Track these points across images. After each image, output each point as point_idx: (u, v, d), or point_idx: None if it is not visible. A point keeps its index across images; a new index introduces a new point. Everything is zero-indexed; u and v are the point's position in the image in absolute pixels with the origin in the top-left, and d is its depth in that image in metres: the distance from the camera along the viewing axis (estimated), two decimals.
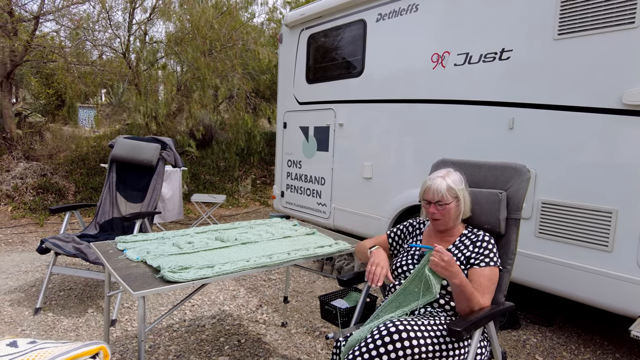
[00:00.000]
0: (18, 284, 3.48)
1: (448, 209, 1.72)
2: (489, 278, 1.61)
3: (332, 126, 4.23)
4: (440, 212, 1.73)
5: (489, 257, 1.64)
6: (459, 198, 1.73)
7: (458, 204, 1.74)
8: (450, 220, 1.74)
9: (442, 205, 1.72)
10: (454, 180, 1.75)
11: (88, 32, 6.91)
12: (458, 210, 1.74)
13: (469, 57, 3.09)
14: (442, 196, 1.71)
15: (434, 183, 1.74)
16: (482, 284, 1.60)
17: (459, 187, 1.74)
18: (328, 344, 2.62)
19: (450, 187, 1.72)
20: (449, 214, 1.73)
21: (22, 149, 7.52)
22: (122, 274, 1.67)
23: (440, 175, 1.77)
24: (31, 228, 5.47)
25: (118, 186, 3.51)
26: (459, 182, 1.77)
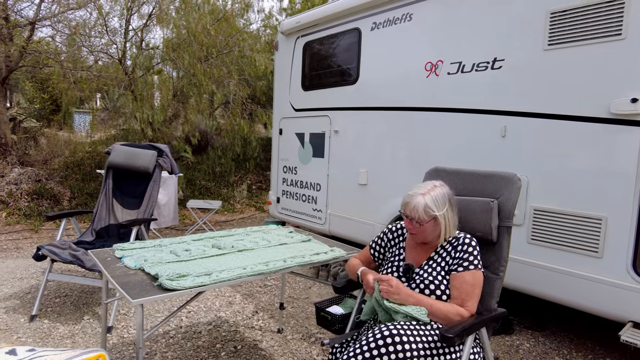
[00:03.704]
0: (13, 290, 3.47)
1: (424, 228, 1.67)
2: (471, 283, 1.59)
3: (328, 133, 4.27)
4: (415, 228, 1.68)
5: (468, 261, 1.62)
6: (438, 220, 1.65)
7: (436, 224, 1.66)
8: (426, 238, 1.70)
9: (417, 223, 1.67)
10: (434, 200, 1.65)
11: (84, 38, 6.92)
12: (437, 230, 1.67)
13: (462, 66, 3.14)
14: (419, 216, 1.65)
15: (412, 200, 1.67)
16: (462, 290, 1.59)
17: (439, 209, 1.64)
18: (324, 350, 2.64)
19: (427, 207, 1.64)
20: (424, 233, 1.68)
21: (16, 154, 7.50)
22: (121, 281, 1.69)
23: (422, 191, 1.68)
24: (26, 234, 5.45)
25: (114, 193, 3.52)
26: (442, 203, 1.66)
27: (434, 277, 1.66)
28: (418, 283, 1.67)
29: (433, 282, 1.65)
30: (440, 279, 1.65)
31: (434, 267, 1.69)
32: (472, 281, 1.60)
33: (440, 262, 1.69)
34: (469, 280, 1.60)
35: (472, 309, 1.58)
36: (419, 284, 1.66)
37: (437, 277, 1.66)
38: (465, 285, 1.60)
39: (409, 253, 1.80)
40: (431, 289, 1.64)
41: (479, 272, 1.63)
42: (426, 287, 1.65)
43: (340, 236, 4.10)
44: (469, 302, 1.58)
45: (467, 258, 1.63)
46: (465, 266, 1.62)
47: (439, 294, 1.63)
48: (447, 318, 1.56)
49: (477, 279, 1.62)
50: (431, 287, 1.64)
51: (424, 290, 1.64)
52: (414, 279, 1.69)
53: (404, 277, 1.72)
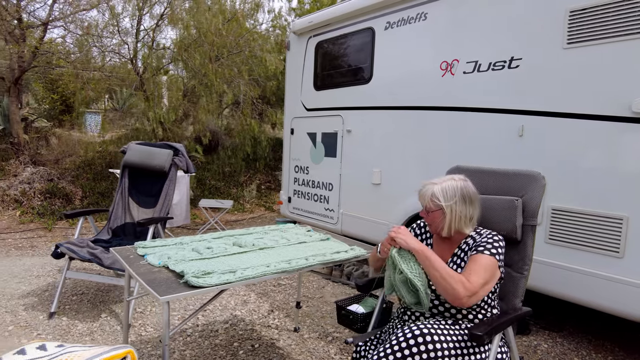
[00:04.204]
0: (31, 288, 3.50)
1: (432, 216, 1.68)
2: (480, 263, 1.55)
3: (340, 132, 4.27)
4: (426, 217, 1.71)
5: (483, 246, 1.59)
6: (444, 211, 1.64)
7: (443, 215, 1.65)
8: (439, 228, 1.68)
9: (428, 211, 1.69)
10: (443, 190, 1.65)
11: (96, 39, 6.98)
12: (443, 221, 1.66)
13: (478, 65, 3.13)
14: (426, 202, 1.69)
15: (424, 188, 1.71)
16: (470, 267, 1.56)
17: (446, 200, 1.64)
18: (342, 349, 2.64)
19: (434, 196, 1.65)
20: (435, 222, 1.68)
21: (29, 153, 7.57)
22: (146, 279, 1.70)
23: (435, 181, 1.71)
24: (40, 233, 5.50)
25: (130, 191, 3.55)
26: (451, 195, 1.65)
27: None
28: None
29: None
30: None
31: (457, 263, 1.68)
32: (482, 262, 1.55)
33: (463, 257, 1.67)
34: (479, 260, 1.56)
35: (474, 284, 1.49)
36: None
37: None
38: (474, 264, 1.56)
39: (436, 248, 1.79)
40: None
41: (493, 260, 1.56)
42: None
43: (353, 236, 4.08)
44: (473, 277, 1.51)
45: (484, 245, 1.60)
46: (480, 250, 1.59)
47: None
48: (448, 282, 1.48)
49: (490, 265, 1.55)
50: None
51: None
52: None
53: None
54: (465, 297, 1.47)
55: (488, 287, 1.56)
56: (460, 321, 1.61)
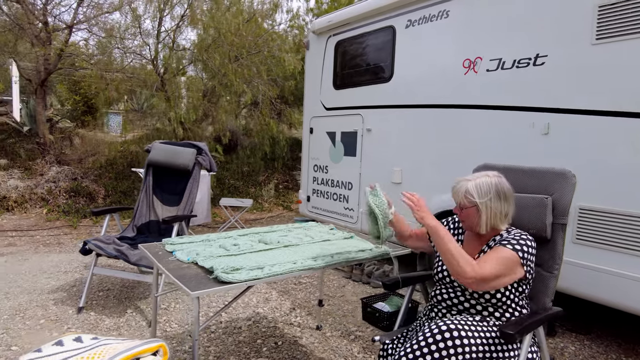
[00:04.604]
0: (59, 283, 3.60)
1: (466, 213, 1.66)
2: (498, 254, 1.52)
3: (360, 131, 4.27)
4: (460, 214, 1.70)
5: (507, 241, 1.57)
6: (479, 208, 1.62)
7: (478, 213, 1.63)
8: (474, 225, 1.66)
9: (462, 208, 1.67)
10: (477, 187, 1.63)
11: (118, 40, 7.12)
12: (478, 218, 1.64)
13: (502, 62, 3.09)
14: (460, 200, 1.67)
15: (458, 185, 1.69)
16: (486, 256, 1.54)
17: (480, 197, 1.62)
18: (364, 348, 2.64)
19: (468, 193, 1.64)
20: (469, 219, 1.66)
21: (54, 153, 7.78)
22: (176, 274, 1.73)
23: (469, 178, 1.69)
24: (66, 230, 5.65)
25: (155, 190, 3.61)
26: (485, 192, 1.62)
27: None
28: None
29: None
30: None
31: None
32: (500, 254, 1.53)
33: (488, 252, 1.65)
34: (498, 251, 1.54)
35: (484, 270, 1.47)
36: None
37: None
38: (492, 253, 1.54)
39: (467, 245, 1.78)
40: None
41: (513, 253, 1.53)
42: None
43: None
44: (485, 264, 1.48)
45: (509, 240, 1.58)
46: (503, 244, 1.57)
47: (492, 292, 1.58)
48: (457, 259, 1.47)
49: (507, 256, 1.52)
50: None
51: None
52: None
53: None
54: (471, 278, 1.45)
55: (503, 281, 1.53)
56: (488, 318, 1.60)
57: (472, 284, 1.48)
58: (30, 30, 7.10)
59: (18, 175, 7.01)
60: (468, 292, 1.64)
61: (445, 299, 1.71)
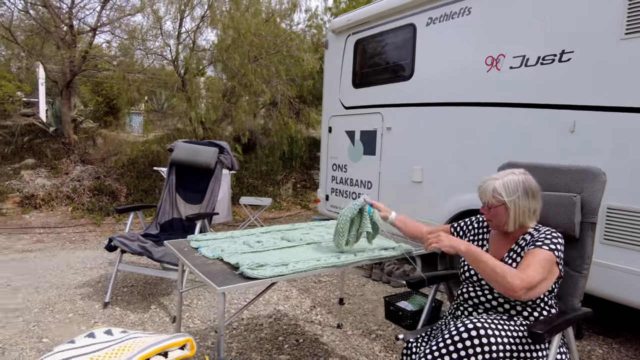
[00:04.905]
0: (85, 279, 3.69)
1: (494, 212, 1.64)
2: (538, 258, 1.49)
3: (380, 130, 4.25)
4: (487, 213, 1.67)
5: (541, 241, 1.54)
6: (507, 207, 1.60)
7: (506, 211, 1.61)
8: (501, 224, 1.65)
9: (489, 207, 1.65)
10: (505, 185, 1.61)
11: (140, 42, 7.26)
12: (506, 217, 1.62)
13: (526, 59, 3.04)
14: (487, 199, 1.64)
15: (485, 184, 1.67)
16: (527, 261, 1.50)
17: (509, 195, 1.60)
18: (386, 347, 2.63)
19: (495, 191, 1.61)
20: (497, 218, 1.64)
21: (78, 153, 7.99)
22: (202, 270, 1.75)
23: (496, 176, 1.66)
24: (90, 227, 5.79)
25: (177, 188, 3.68)
26: (513, 190, 1.60)
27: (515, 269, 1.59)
28: None
29: None
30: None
31: (513, 258, 1.63)
32: (540, 256, 1.50)
33: (519, 252, 1.63)
34: (536, 254, 1.51)
35: (531, 278, 1.43)
36: None
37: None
38: (532, 258, 1.51)
39: (492, 244, 1.76)
40: None
41: (550, 254, 1.51)
42: None
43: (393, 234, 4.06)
44: (529, 271, 1.45)
45: (543, 240, 1.55)
46: (538, 245, 1.54)
47: None
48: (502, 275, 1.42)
49: (546, 257, 1.50)
50: None
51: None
52: None
53: None
54: (521, 289, 1.40)
55: (547, 284, 1.50)
56: (515, 317, 1.57)
57: (522, 295, 1.42)
58: (57, 34, 7.31)
59: (45, 174, 7.21)
60: (496, 290, 1.61)
61: (472, 297, 1.70)
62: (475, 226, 1.89)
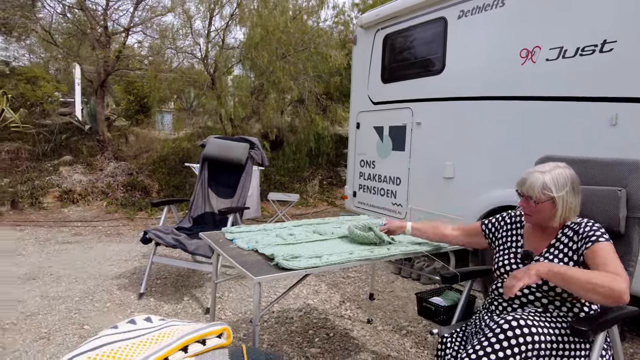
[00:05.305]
0: (121, 271, 3.82)
1: (539, 208, 1.57)
2: (609, 252, 1.43)
3: (409, 125, 4.20)
4: (530, 208, 1.60)
5: (595, 236, 1.48)
6: (555, 202, 1.55)
7: (554, 206, 1.55)
8: (542, 220, 1.60)
9: (533, 202, 1.58)
10: (554, 180, 1.55)
11: (171, 41, 7.43)
12: (553, 212, 1.57)
13: (564, 51, 2.94)
14: (535, 194, 1.56)
15: (530, 177, 1.59)
16: (602, 259, 1.41)
17: (558, 190, 1.54)
18: (417, 343, 2.61)
19: (545, 186, 1.54)
20: (540, 214, 1.58)
21: (112, 150, 8.26)
22: (238, 261, 1.78)
23: (542, 170, 1.59)
24: (124, 222, 5.98)
25: (210, 183, 3.75)
26: (562, 184, 1.55)
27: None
28: None
29: None
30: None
31: (555, 254, 1.58)
32: (608, 250, 1.44)
33: (562, 248, 1.57)
34: (603, 249, 1.44)
35: (623, 274, 1.35)
36: None
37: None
38: (602, 253, 1.43)
39: (527, 240, 1.71)
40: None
41: (610, 244, 1.46)
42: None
43: None
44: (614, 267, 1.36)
45: (594, 234, 1.49)
46: (594, 240, 1.47)
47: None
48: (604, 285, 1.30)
49: (612, 249, 1.44)
50: None
51: (549, 282, 1.51)
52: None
53: (521, 264, 1.63)
54: (625, 288, 1.31)
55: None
56: (554, 313, 1.52)
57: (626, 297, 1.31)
58: (92, 35, 7.57)
59: (81, 170, 7.50)
60: (533, 285, 1.55)
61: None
62: (507, 221, 1.83)
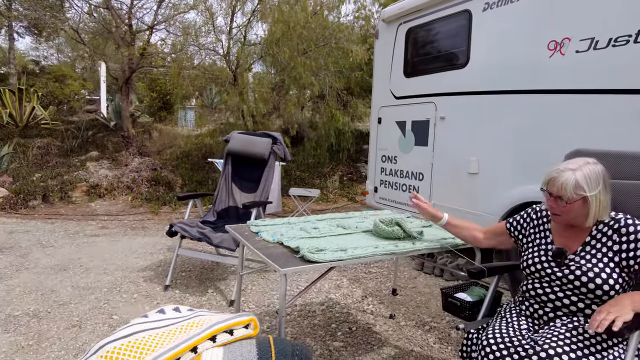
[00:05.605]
0: (147, 263, 3.91)
1: (570, 208, 1.49)
2: None
3: (433, 120, 4.15)
4: (560, 208, 1.52)
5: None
6: (588, 200, 1.47)
7: (585, 206, 1.48)
8: (571, 219, 1.53)
9: (564, 202, 1.49)
10: (586, 178, 1.46)
11: (194, 38, 7.53)
12: (584, 211, 1.49)
13: (595, 42, 2.85)
14: (567, 194, 1.47)
15: (561, 176, 1.49)
16: None
17: (591, 189, 1.45)
18: (441, 339, 2.59)
19: (578, 185, 1.45)
20: (570, 214, 1.51)
21: (136, 145, 8.45)
22: (264, 253, 1.80)
23: (573, 167, 1.49)
24: (148, 216, 6.12)
25: (233, 177, 3.80)
26: (594, 183, 1.46)
27: (601, 269, 1.46)
28: (579, 275, 1.47)
29: (599, 276, 1.44)
30: (609, 271, 1.44)
31: (593, 253, 1.50)
32: None
33: (600, 248, 1.50)
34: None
35: None
36: (580, 276, 1.47)
37: (605, 268, 1.45)
38: None
39: (557, 237, 1.64)
40: (597, 283, 1.44)
41: None
42: (591, 281, 1.44)
43: None
44: None
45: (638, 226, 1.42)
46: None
47: (606, 289, 1.43)
48: None
49: None
50: (597, 281, 1.44)
51: (588, 284, 1.44)
52: (568, 266, 1.52)
53: (553, 262, 1.57)
54: None
55: None
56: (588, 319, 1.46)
57: None
58: (117, 33, 7.73)
59: (107, 166, 7.70)
60: (569, 287, 1.50)
61: (540, 294, 1.59)
62: (533, 217, 1.77)
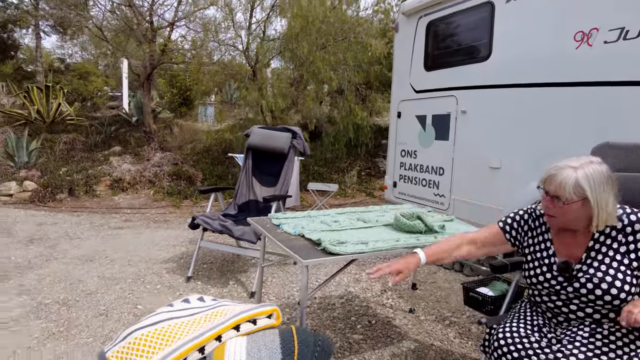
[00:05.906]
0: (169, 255, 4.00)
1: (567, 209, 1.35)
2: None
3: (454, 114, 4.09)
4: (556, 209, 1.38)
5: None
6: (589, 202, 1.32)
7: (585, 207, 1.34)
8: (567, 222, 1.40)
9: (561, 202, 1.36)
10: (588, 178, 1.32)
11: (214, 34, 7.60)
12: (583, 214, 1.36)
13: (625, 32, 2.76)
14: (565, 194, 1.33)
15: (560, 173, 1.35)
16: None
17: (593, 189, 1.31)
18: (461, 334, 2.58)
19: (578, 185, 1.32)
20: (566, 216, 1.38)
21: (157, 140, 8.61)
22: (286, 245, 1.83)
23: (574, 164, 1.35)
24: (170, 209, 6.24)
25: (254, 171, 3.85)
26: (598, 183, 1.32)
27: (613, 277, 1.35)
28: (591, 288, 1.36)
29: (614, 285, 1.34)
30: (621, 277, 1.34)
31: (600, 260, 1.39)
32: None
33: (607, 252, 1.39)
34: None
35: None
36: (593, 290, 1.36)
37: (617, 274, 1.35)
38: None
39: (559, 245, 1.50)
40: (613, 294, 1.34)
41: None
42: (606, 293, 1.34)
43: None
44: None
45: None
46: None
47: (623, 297, 1.33)
48: None
49: None
50: (613, 292, 1.34)
51: (604, 297, 1.34)
52: (577, 278, 1.41)
53: (560, 277, 1.45)
54: None
55: None
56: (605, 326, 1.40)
57: None
58: (139, 30, 7.87)
59: (129, 160, 7.87)
60: (582, 300, 1.40)
61: (551, 307, 1.51)
62: (530, 224, 1.62)
